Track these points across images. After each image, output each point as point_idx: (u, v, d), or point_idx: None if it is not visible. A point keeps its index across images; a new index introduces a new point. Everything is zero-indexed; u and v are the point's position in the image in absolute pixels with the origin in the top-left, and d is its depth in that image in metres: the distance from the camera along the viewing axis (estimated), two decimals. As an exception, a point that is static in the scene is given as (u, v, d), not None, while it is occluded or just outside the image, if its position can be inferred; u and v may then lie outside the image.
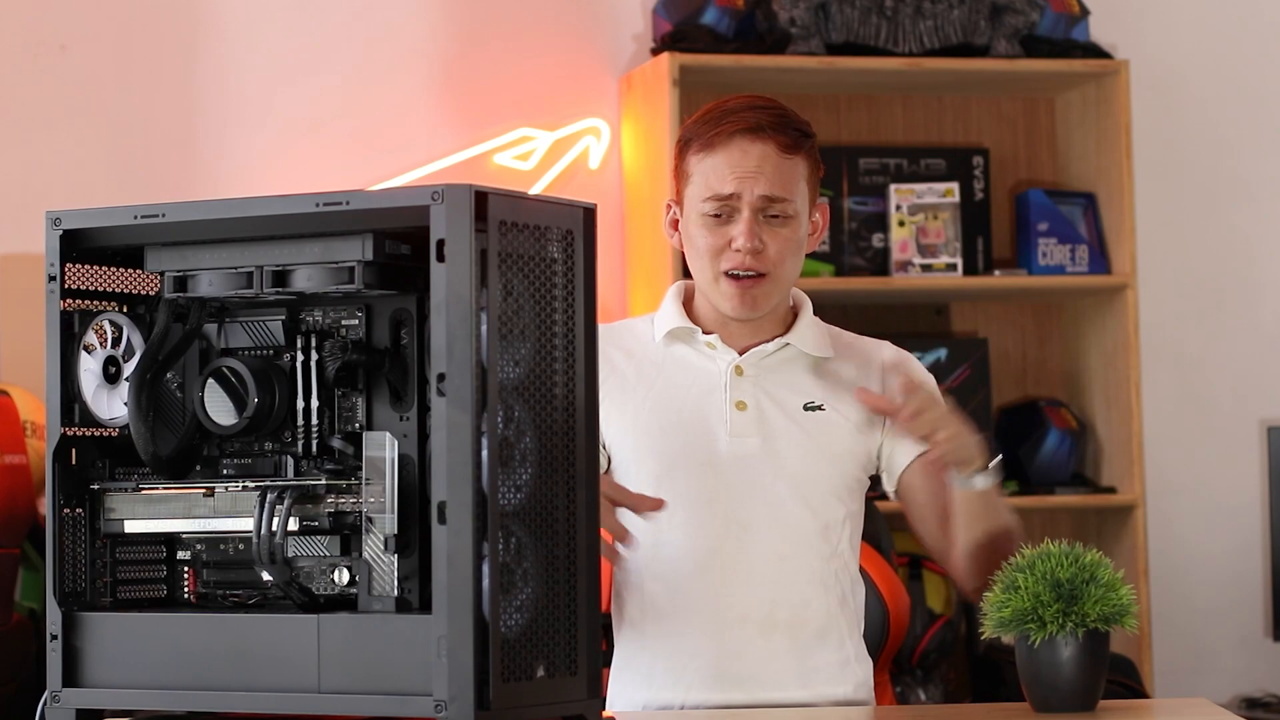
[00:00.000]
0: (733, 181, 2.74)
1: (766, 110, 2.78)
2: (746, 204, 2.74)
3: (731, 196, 2.74)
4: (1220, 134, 5.06)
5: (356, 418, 2.25)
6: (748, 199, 2.74)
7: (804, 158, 2.78)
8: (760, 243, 2.74)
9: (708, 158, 2.75)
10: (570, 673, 2.15)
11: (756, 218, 2.74)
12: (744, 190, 2.73)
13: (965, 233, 4.72)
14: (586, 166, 4.71)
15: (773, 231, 2.75)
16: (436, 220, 2.07)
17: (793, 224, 2.76)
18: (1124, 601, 2.43)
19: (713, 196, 2.75)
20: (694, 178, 2.77)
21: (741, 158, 2.74)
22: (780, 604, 2.75)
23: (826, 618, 2.77)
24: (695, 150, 2.77)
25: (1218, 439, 5.02)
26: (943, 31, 4.66)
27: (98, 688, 2.25)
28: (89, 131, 4.51)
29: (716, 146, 2.75)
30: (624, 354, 2.84)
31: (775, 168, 2.74)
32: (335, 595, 2.23)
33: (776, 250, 2.75)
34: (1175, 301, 5.01)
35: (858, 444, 2.80)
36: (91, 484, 2.30)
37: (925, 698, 4.47)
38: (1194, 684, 4.89)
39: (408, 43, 4.65)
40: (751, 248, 2.73)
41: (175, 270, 2.25)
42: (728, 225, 2.75)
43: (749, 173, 2.73)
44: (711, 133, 2.75)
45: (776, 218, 2.75)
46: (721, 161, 2.74)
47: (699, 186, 2.76)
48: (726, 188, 2.74)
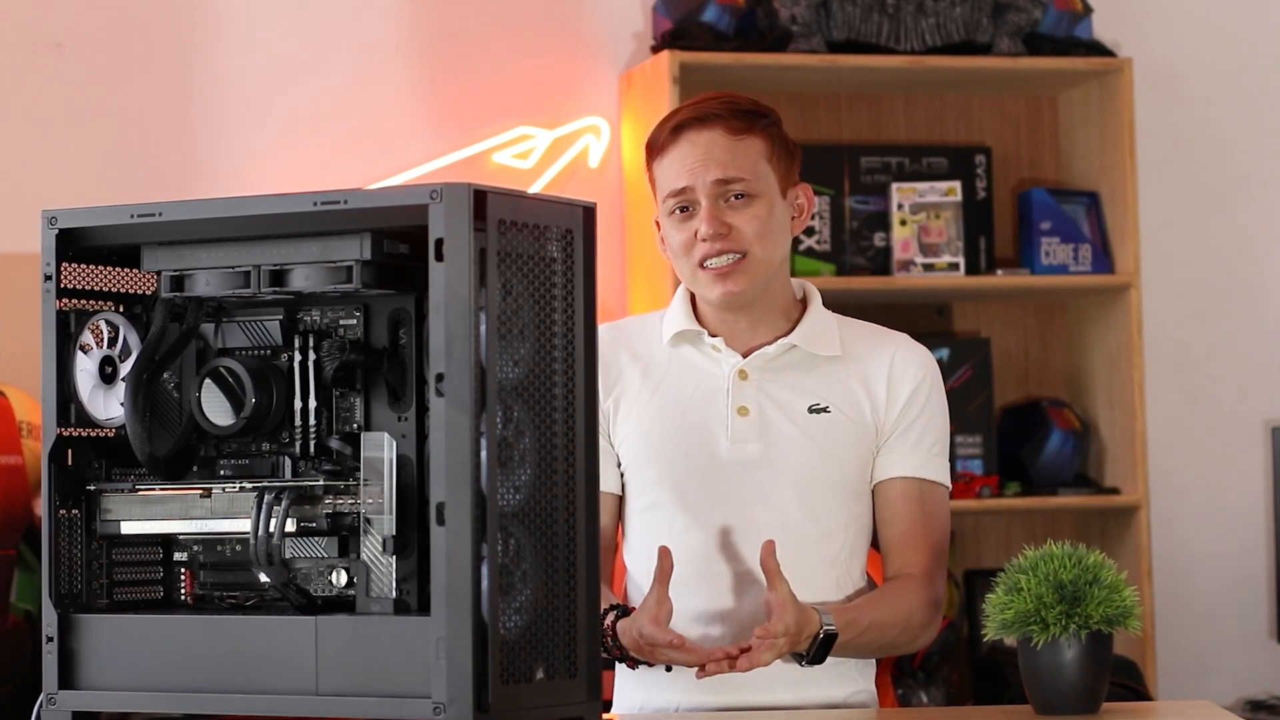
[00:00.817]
0: (685, 174, 2.74)
1: (714, 100, 2.78)
2: (701, 193, 2.73)
3: (686, 190, 2.74)
4: (1224, 132, 5.05)
5: (354, 418, 2.24)
6: (701, 187, 2.73)
7: (759, 137, 2.76)
8: (725, 226, 2.73)
9: (663, 159, 2.77)
10: (570, 675, 2.14)
11: (717, 203, 2.73)
12: (695, 181, 2.74)
13: (967, 232, 4.71)
14: (586, 165, 4.70)
15: (737, 213, 2.74)
16: (435, 219, 2.07)
17: (758, 203, 2.74)
18: (1127, 603, 2.42)
19: (671, 194, 2.76)
20: (658, 183, 2.79)
21: (689, 149, 2.74)
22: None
23: (824, 629, 2.76)
24: (654, 157, 2.79)
25: (1222, 440, 5.01)
26: (945, 29, 4.65)
27: (94, 690, 2.24)
28: (85, 130, 4.50)
29: (668, 146, 2.76)
30: (630, 356, 2.83)
31: (726, 150, 2.74)
32: (333, 597, 2.23)
33: (748, 229, 2.73)
34: (1179, 301, 5.00)
35: (863, 445, 2.78)
36: (88, 485, 2.29)
37: (927, 700, 4.46)
38: (1198, 686, 4.88)
39: (406, 41, 4.64)
40: (714, 232, 2.72)
41: (172, 270, 2.24)
42: (691, 220, 2.75)
43: (698, 162, 2.73)
44: (662, 135, 2.77)
45: (741, 198, 2.74)
46: (674, 158, 2.75)
47: (661, 190, 2.78)
48: (680, 181, 2.74)
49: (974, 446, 4.68)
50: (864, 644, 2.71)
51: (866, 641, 2.70)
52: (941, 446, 2.81)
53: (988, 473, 4.67)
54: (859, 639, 2.69)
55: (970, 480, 4.62)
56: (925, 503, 2.79)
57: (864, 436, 2.78)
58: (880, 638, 2.72)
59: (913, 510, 2.78)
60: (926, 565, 2.77)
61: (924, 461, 2.79)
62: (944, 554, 2.80)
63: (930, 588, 2.76)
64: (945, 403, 2.83)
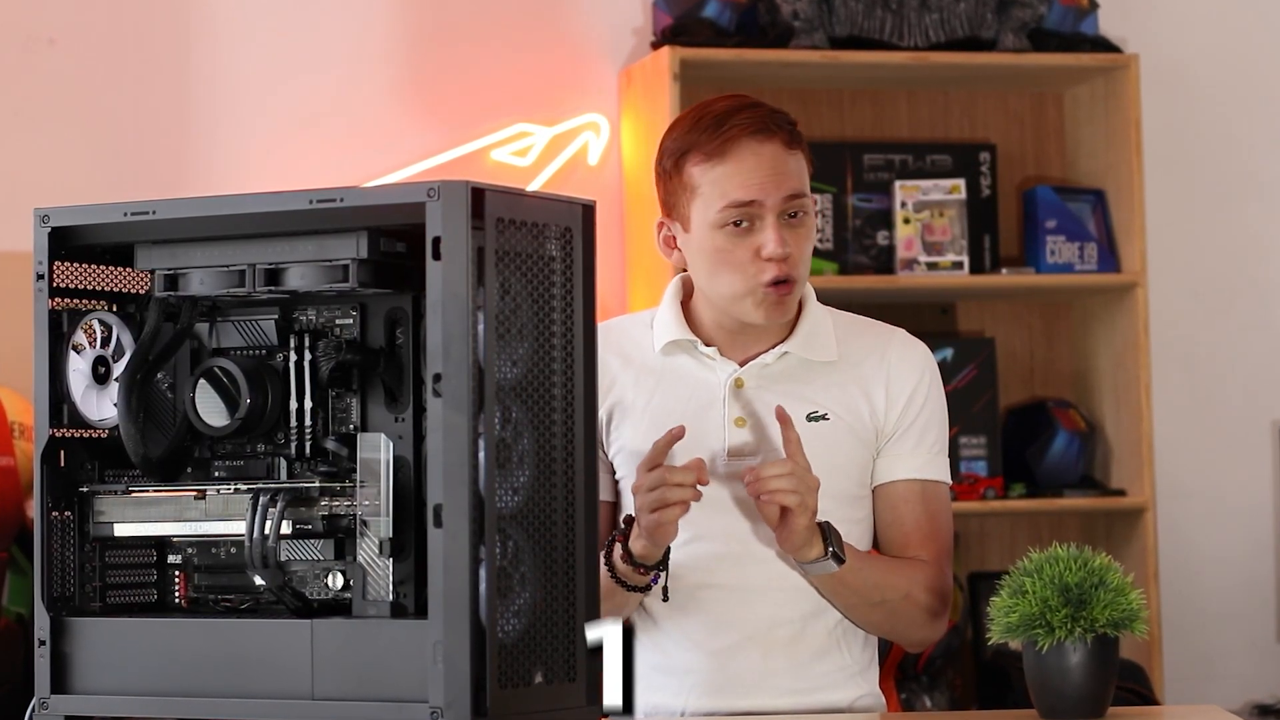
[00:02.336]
0: (754, 188, 2.66)
1: (758, 109, 2.70)
2: (770, 209, 2.67)
3: (754, 204, 2.67)
4: (1232, 129, 5.04)
5: (351, 419, 2.23)
6: (771, 204, 2.67)
7: (803, 151, 2.72)
8: (789, 246, 2.68)
9: (717, 166, 2.67)
10: (569, 679, 2.13)
11: (783, 220, 2.68)
12: (767, 196, 2.66)
13: (971, 230, 4.70)
14: (585, 163, 4.69)
15: (793, 232, 2.69)
16: (432, 217, 2.06)
17: (809, 221, 2.71)
18: (1133, 606, 2.41)
19: (733, 205, 2.66)
20: (702, 189, 2.68)
21: (756, 162, 2.66)
22: (779, 624, 2.72)
23: (826, 636, 2.74)
24: (698, 160, 2.68)
25: (1229, 441, 5.00)
26: (949, 25, 4.64)
27: (87, 694, 2.24)
28: (78, 127, 4.49)
29: (725, 153, 2.67)
30: (622, 361, 2.79)
31: (787, 163, 2.68)
32: (329, 600, 2.22)
33: (800, 251, 2.70)
34: (1186, 300, 4.98)
35: (863, 450, 2.76)
36: (80, 486, 2.28)
37: (931, 704, 4.47)
38: (1205, 690, 4.87)
39: (403, 36, 4.63)
40: (784, 254, 2.66)
41: (166, 268, 2.23)
42: (750, 234, 2.68)
43: (768, 176, 2.66)
44: (716, 140, 2.67)
45: (795, 216, 2.69)
46: (735, 169, 2.66)
47: (711, 199, 2.68)
48: (748, 194, 2.66)
49: (978, 448, 4.67)
50: (866, 590, 2.67)
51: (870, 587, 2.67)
52: (942, 444, 2.79)
53: (992, 474, 4.66)
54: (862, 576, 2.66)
55: (975, 482, 4.61)
56: (929, 503, 2.77)
57: (862, 442, 2.76)
58: (885, 593, 2.68)
59: (916, 511, 2.76)
60: (932, 558, 2.76)
61: (926, 462, 2.77)
62: (950, 551, 2.79)
63: (937, 577, 2.75)
64: (943, 398, 2.81)
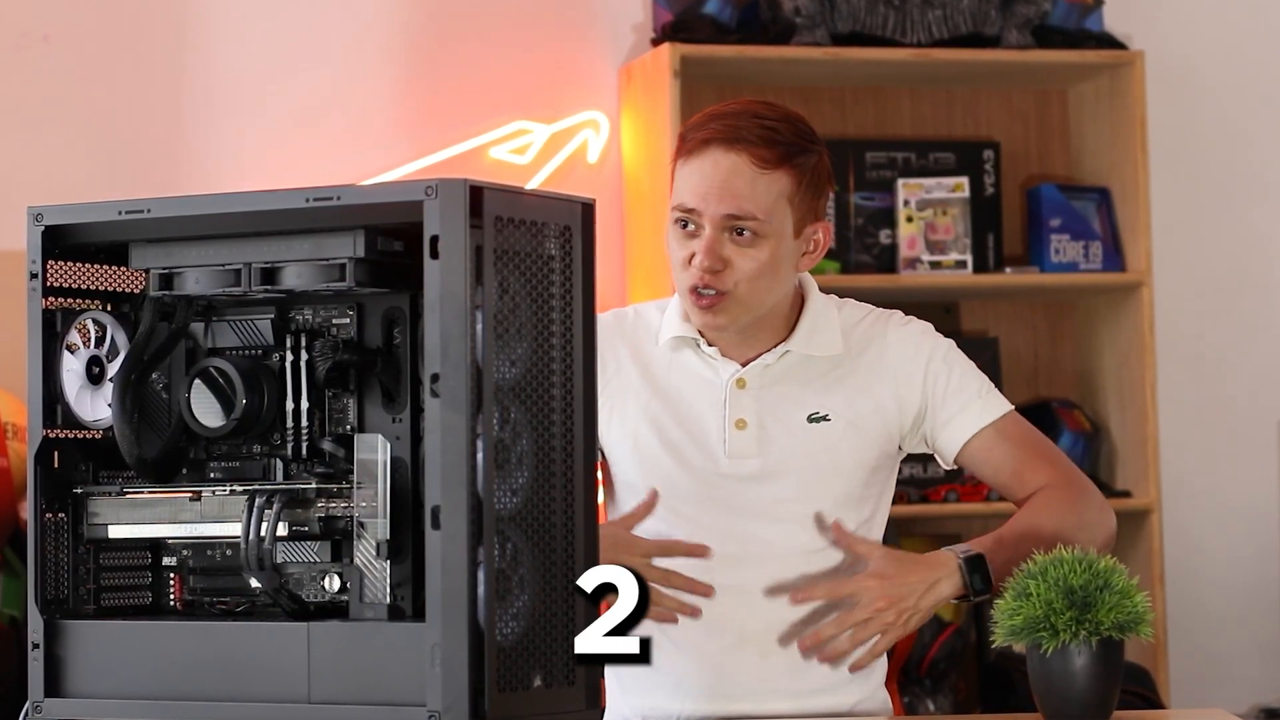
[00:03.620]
0: (697, 197, 2.65)
1: (756, 119, 2.67)
2: (708, 220, 2.65)
3: (694, 211, 2.66)
4: (1238, 127, 5.04)
5: (348, 419, 2.23)
6: (709, 215, 2.65)
7: (787, 173, 2.67)
8: (720, 261, 2.64)
9: (685, 164, 2.68)
10: (568, 683, 2.12)
11: (720, 235, 2.65)
12: (705, 207, 2.65)
13: (975, 229, 4.70)
14: (585, 160, 4.69)
15: (740, 250, 2.65)
16: (430, 216, 2.05)
17: (763, 244, 2.65)
18: (1139, 609, 2.40)
19: (678, 206, 2.68)
20: (675, 183, 2.70)
21: (711, 170, 2.65)
22: (778, 627, 2.71)
23: (827, 639, 2.72)
24: (680, 154, 2.70)
25: (1235, 441, 5.01)
26: (952, 21, 4.64)
27: (81, 698, 2.23)
28: (72, 124, 4.49)
29: (693, 154, 2.67)
30: (632, 351, 2.78)
31: (748, 183, 2.64)
32: (326, 603, 2.21)
33: (742, 269, 2.65)
34: (1192, 300, 4.98)
35: (867, 450, 2.74)
36: (74, 488, 2.27)
37: (934, 708, 4.47)
38: (1211, 694, 4.87)
39: (400, 33, 4.63)
40: (708, 266, 2.64)
41: (161, 267, 2.22)
42: (692, 239, 2.67)
43: (713, 188, 2.64)
44: (693, 138, 2.67)
45: (743, 234, 2.65)
46: (693, 171, 2.66)
47: (674, 195, 2.69)
48: (690, 201, 2.66)
49: (982, 448, 4.66)
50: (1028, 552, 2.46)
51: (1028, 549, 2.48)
52: (984, 386, 2.74)
53: (996, 474, 4.65)
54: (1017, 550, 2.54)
55: (978, 483, 4.60)
56: (1010, 436, 2.73)
57: (869, 440, 2.74)
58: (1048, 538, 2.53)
59: (1006, 451, 2.72)
60: (1058, 475, 2.70)
61: (981, 409, 2.73)
62: (1058, 456, 2.75)
63: (1077, 484, 2.70)
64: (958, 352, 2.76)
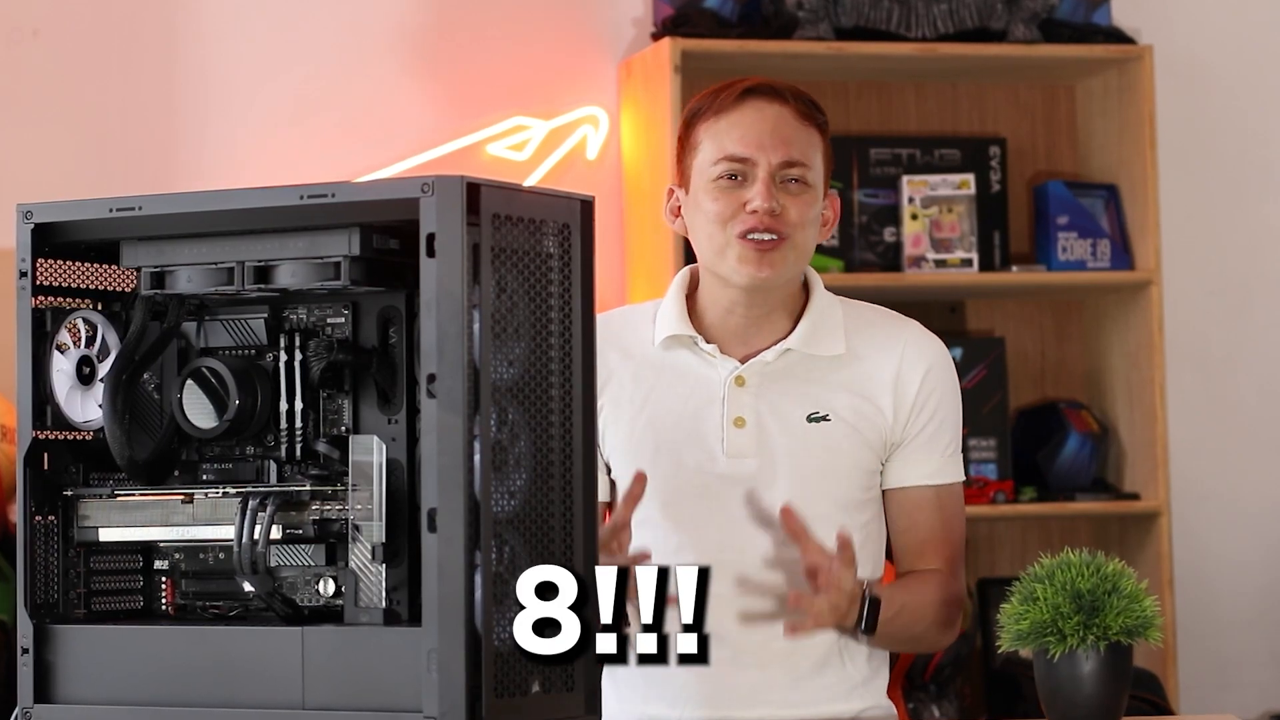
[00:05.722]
0: (750, 144, 2.65)
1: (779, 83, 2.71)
2: (763, 167, 2.65)
3: (747, 160, 2.65)
4: (1248, 123, 5.03)
5: (342, 420, 2.22)
6: (764, 163, 2.65)
7: (819, 133, 2.71)
8: (779, 204, 2.65)
9: (720, 120, 2.67)
10: (567, 688, 2.12)
11: (773, 180, 2.66)
12: (760, 154, 2.65)
13: (981, 226, 4.69)
14: (584, 157, 4.67)
15: (792, 197, 2.66)
16: (426, 213, 2.05)
17: (811, 194, 2.68)
18: (1147, 613, 2.40)
19: (726, 157, 2.66)
20: (703, 144, 2.68)
21: (757, 118, 2.66)
22: (775, 636, 2.67)
23: (826, 649, 2.70)
24: (705, 119, 2.68)
25: (1246, 443, 5.00)
26: (957, 15, 4.63)
27: (71, 704, 2.22)
28: (62, 120, 4.48)
29: (728, 109, 2.67)
30: (621, 354, 2.75)
31: (794, 131, 2.67)
32: (320, 607, 2.21)
33: (796, 214, 2.66)
34: (1201, 298, 4.98)
35: (867, 454, 2.71)
36: (64, 490, 2.27)
37: (940, 714, 4.47)
38: (1221, 699, 4.86)
39: (396, 27, 4.63)
40: (769, 209, 2.64)
41: (152, 266, 2.22)
42: (741, 189, 2.66)
43: (765, 135, 2.65)
44: (724, 95, 2.67)
45: (795, 182, 2.67)
46: (735, 122, 2.66)
47: (709, 152, 2.67)
48: (742, 149, 2.65)
49: (988, 450, 4.66)
50: (896, 629, 2.65)
51: (899, 627, 2.64)
52: (956, 444, 2.76)
53: (1002, 477, 4.65)
54: (893, 621, 2.63)
55: (984, 485, 4.60)
56: (943, 508, 2.75)
57: (867, 444, 2.72)
58: (910, 625, 2.67)
59: (929, 518, 2.74)
60: (946, 565, 2.74)
61: (939, 467, 2.74)
62: (962, 553, 2.77)
63: (951, 584, 2.73)
64: (958, 394, 2.77)
